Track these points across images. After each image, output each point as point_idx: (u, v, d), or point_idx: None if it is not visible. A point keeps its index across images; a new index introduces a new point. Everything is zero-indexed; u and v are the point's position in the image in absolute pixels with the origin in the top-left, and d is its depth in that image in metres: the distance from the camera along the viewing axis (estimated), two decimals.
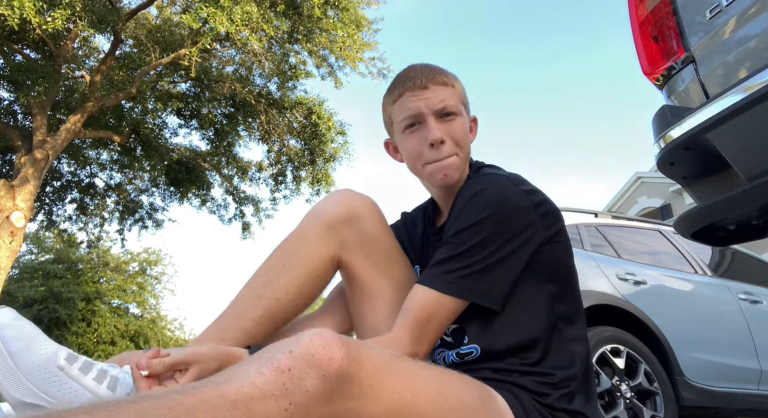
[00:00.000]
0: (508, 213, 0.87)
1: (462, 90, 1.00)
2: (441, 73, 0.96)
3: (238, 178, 10.55)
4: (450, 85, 0.96)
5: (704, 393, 2.83)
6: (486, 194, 0.88)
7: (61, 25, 5.81)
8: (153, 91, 9.11)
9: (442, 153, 0.93)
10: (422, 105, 0.93)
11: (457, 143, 0.94)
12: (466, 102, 1.01)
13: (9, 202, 6.79)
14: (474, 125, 1.04)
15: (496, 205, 0.87)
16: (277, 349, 0.57)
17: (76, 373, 0.68)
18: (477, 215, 0.86)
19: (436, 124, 0.93)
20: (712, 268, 3.54)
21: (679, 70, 1.53)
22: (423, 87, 0.93)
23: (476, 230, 0.85)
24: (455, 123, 0.94)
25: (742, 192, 1.26)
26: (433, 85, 0.94)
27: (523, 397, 0.83)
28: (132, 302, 16.71)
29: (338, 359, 0.57)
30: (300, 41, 8.19)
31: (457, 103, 0.95)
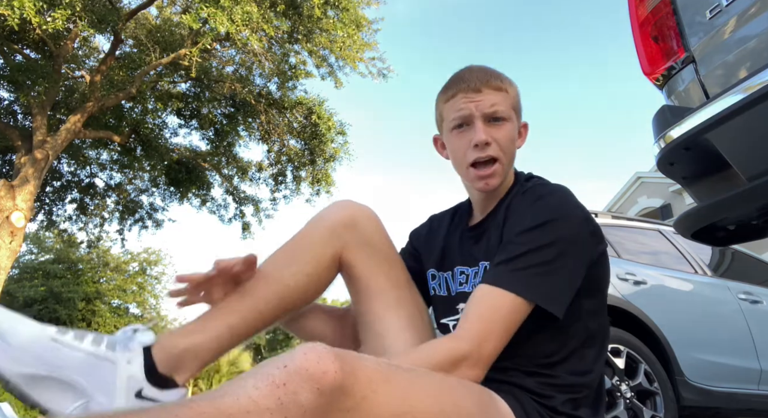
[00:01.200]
0: (572, 223, 0.88)
1: (516, 96, 1.01)
2: (496, 77, 0.98)
3: (238, 178, 10.56)
4: (504, 90, 0.97)
5: (704, 393, 2.83)
6: (551, 200, 0.90)
7: (61, 25, 5.81)
8: (153, 91, 9.11)
9: (486, 153, 0.95)
10: (473, 107, 0.95)
11: (502, 148, 0.95)
12: (519, 108, 1.01)
13: (9, 202, 6.79)
14: (524, 131, 1.05)
15: (561, 212, 0.89)
16: (272, 364, 0.58)
17: (70, 341, 0.70)
18: (543, 217, 0.87)
19: (484, 127, 0.95)
20: (712, 268, 3.54)
21: (679, 70, 1.52)
22: (476, 90, 0.95)
23: (543, 232, 0.86)
24: (503, 128, 0.96)
25: (742, 192, 1.26)
26: (486, 88, 0.95)
27: (523, 399, 0.83)
28: (132, 302, 16.73)
29: (332, 372, 0.58)
30: (300, 41, 8.19)
31: (507, 109, 0.97)
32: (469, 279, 1.01)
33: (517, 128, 1.01)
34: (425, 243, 1.14)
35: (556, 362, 0.88)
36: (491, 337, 0.80)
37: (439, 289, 1.08)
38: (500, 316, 0.81)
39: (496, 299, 0.82)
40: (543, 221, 0.87)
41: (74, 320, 14.33)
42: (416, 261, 1.14)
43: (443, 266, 1.07)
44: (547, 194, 0.91)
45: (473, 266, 1.00)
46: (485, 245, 0.99)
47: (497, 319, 0.81)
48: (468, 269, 1.02)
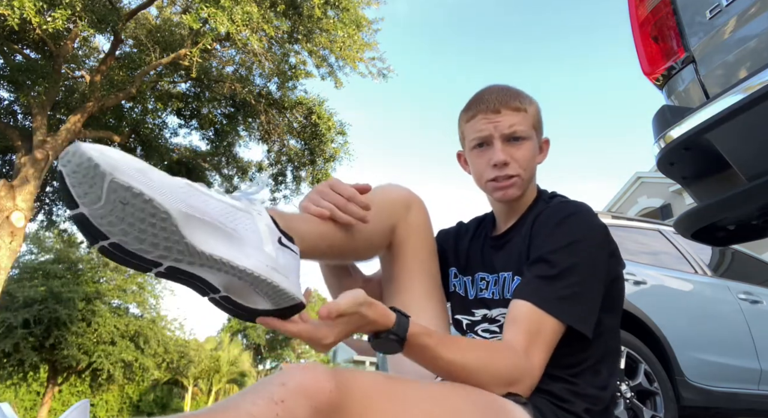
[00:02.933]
0: (597, 241, 0.93)
1: (536, 114, 1.03)
2: (516, 97, 1.00)
3: (238, 178, 10.56)
4: (523, 110, 0.99)
5: (704, 393, 2.83)
6: (578, 219, 0.94)
7: (61, 25, 5.81)
8: (153, 91, 9.11)
9: (505, 172, 0.99)
10: (492, 128, 0.98)
11: (521, 165, 0.99)
12: (539, 125, 1.04)
13: (9, 202, 6.79)
14: (546, 146, 1.08)
15: (588, 230, 0.93)
16: (271, 381, 0.60)
17: (204, 190, 0.66)
18: (571, 237, 0.91)
19: (503, 147, 0.98)
20: (712, 268, 3.54)
21: (679, 70, 1.52)
22: (495, 111, 0.98)
23: (572, 251, 0.89)
24: (522, 147, 0.99)
25: (742, 192, 1.26)
26: (505, 109, 0.98)
27: (544, 407, 0.83)
28: (132, 302, 16.70)
29: (327, 390, 0.60)
30: (300, 41, 8.19)
31: (527, 128, 0.99)
32: (489, 286, 1.05)
33: (538, 145, 1.04)
34: (452, 245, 1.18)
35: (577, 373, 0.91)
36: (541, 359, 0.84)
37: (458, 287, 1.12)
38: (547, 338, 0.85)
39: (543, 322, 0.85)
40: (573, 240, 0.91)
41: (74, 320, 14.31)
42: (440, 258, 1.17)
43: (466, 270, 1.12)
44: (575, 213, 0.95)
45: (493, 274, 1.05)
46: (506, 255, 1.03)
47: (544, 341, 0.85)
48: (488, 275, 1.06)
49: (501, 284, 1.01)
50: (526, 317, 0.86)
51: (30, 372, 15.00)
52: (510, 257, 1.01)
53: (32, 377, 15.96)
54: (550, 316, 0.85)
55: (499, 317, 1.01)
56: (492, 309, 1.03)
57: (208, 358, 24.92)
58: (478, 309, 1.06)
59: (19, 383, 16.19)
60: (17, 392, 21.36)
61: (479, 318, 1.06)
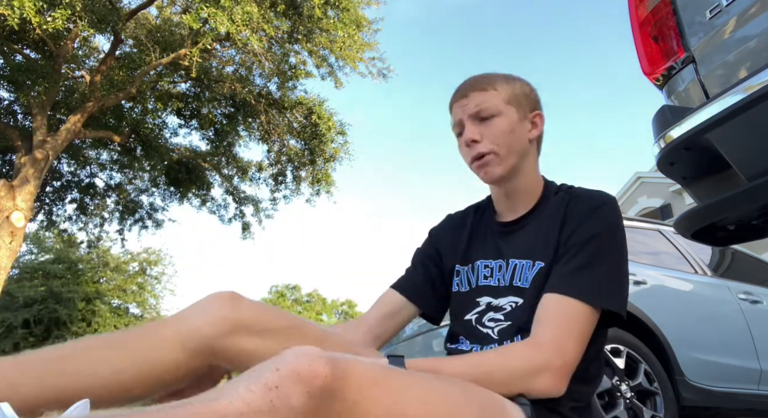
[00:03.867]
0: (623, 231, 0.96)
1: (510, 90, 1.03)
2: (485, 80, 1.03)
3: (238, 178, 10.56)
4: (491, 88, 1.01)
5: (704, 393, 2.83)
6: (609, 209, 0.96)
7: (61, 25, 5.80)
8: (153, 91, 9.11)
9: (477, 150, 1.00)
10: (460, 111, 1.02)
11: (492, 140, 0.99)
12: (517, 100, 1.03)
13: (9, 202, 6.79)
14: (539, 120, 1.06)
15: (617, 220, 0.95)
16: (266, 367, 0.59)
17: None
18: (603, 227, 0.93)
19: (472, 126, 1.00)
20: (712, 268, 3.54)
21: (679, 70, 1.53)
22: (464, 96, 1.02)
23: (603, 241, 0.91)
24: (492, 124, 1.00)
25: (742, 192, 1.26)
26: (472, 92, 1.01)
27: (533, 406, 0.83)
28: (132, 302, 16.73)
29: (323, 376, 0.59)
30: (300, 41, 8.19)
31: (496, 105, 1.00)
32: (494, 273, 1.04)
33: (521, 119, 1.03)
34: (448, 240, 1.16)
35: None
36: (571, 345, 0.83)
37: (461, 285, 1.10)
38: (578, 324, 0.84)
39: (574, 308, 0.85)
40: (605, 231, 0.92)
41: (74, 320, 14.33)
42: (435, 262, 1.16)
43: (466, 259, 1.10)
44: (606, 203, 0.97)
45: (497, 260, 1.04)
46: (521, 242, 1.02)
47: (576, 327, 0.84)
48: (492, 261, 1.05)
49: (511, 272, 1.00)
50: (554, 308, 0.86)
51: None
52: (526, 244, 1.00)
53: None
54: (581, 302, 0.85)
55: (506, 305, 1.00)
56: (498, 298, 1.01)
57: None
58: (482, 297, 1.04)
59: None
60: None
61: (484, 307, 1.04)
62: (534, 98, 1.07)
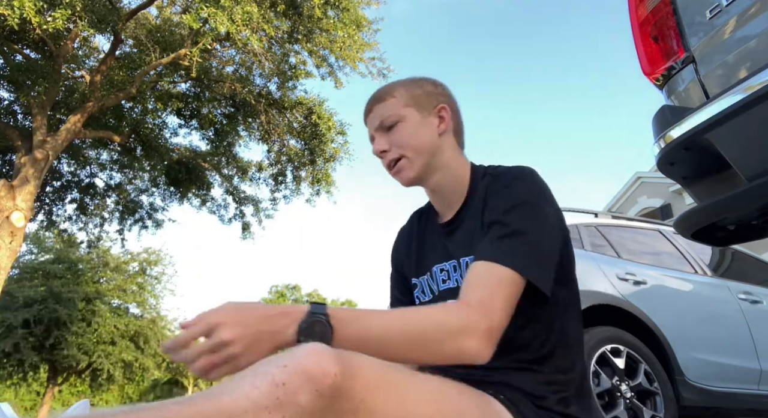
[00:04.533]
0: (549, 201, 0.92)
1: (407, 94, 1.03)
2: (383, 89, 1.04)
3: (238, 178, 10.56)
4: (390, 97, 1.02)
5: (704, 393, 2.82)
6: (526, 180, 0.93)
7: (61, 25, 5.80)
8: (153, 91, 9.11)
9: (388, 159, 1.02)
10: (369, 127, 1.05)
11: (402, 146, 1.00)
12: (416, 101, 1.03)
13: (9, 202, 6.79)
14: (445, 114, 1.04)
15: (539, 191, 0.92)
16: (272, 363, 0.58)
17: None
18: (523, 197, 0.90)
19: (380, 138, 1.02)
20: (712, 268, 3.54)
21: (679, 70, 1.52)
22: (368, 112, 1.05)
23: (525, 211, 0.88)
24: (396, 130, 1.01)
25: (742, 192, 1.26)
26: (374, 106, 1.03)
27: (518, 400, 0.83)
28: (132, 302, 16.72)
29: (332, 375, 0.58)
30: (300, 41, 8.19)
31: (396, 111, 1.01)
32: (451, 275, 1.01)
33: (425, 118, 1.02)
34: (403, 257, 1.15)
35: (542, 358, 0.89)
36: (498, 308, 0.78)
37: (423, 296, 1.08)
38: (503, 289, 0.80)
39: (498, 272, 0.81)
40: (524, 201, 0.89)
41: (74, 320, 14.32)
42: (407, 288, 1.13)
43: (422, 269, 1.08)
44: (522, 175, 0.94)
45: (450, 261, 1.02)
46: (462, 238, 1.00)
47: (501, 291, 0.80)
48: (446, 264, 1.03)
49: (462, 270, 0.99)
50: (478, 273, 0.82)
51: (30, 372, 15.02)
52: (467, 240, 0.98)
53: (32, 377, 15.97)
54: (507, 268, 0.81)
55: None
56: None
57: None
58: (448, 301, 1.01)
59: (19, 383, 16.20)
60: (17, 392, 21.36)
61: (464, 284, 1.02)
62: (438, 93, 1.05)
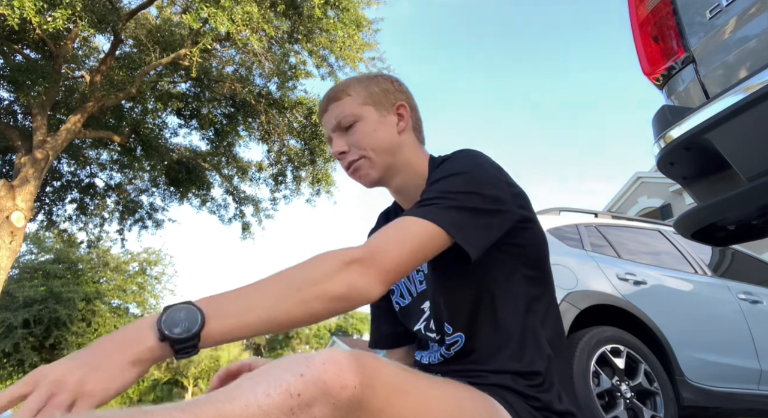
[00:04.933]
0: (487, 175, 0.88)
1: (364, 92, 0.99)
2: (339, 87, 1.01)
3: (238, 178, 10.55)
4: (345, 95, 0.99)
5: (704, 393, 2.83)
6: (466, 155, 0.93)
7: (61, 25, 5.80)
8: (153, 91, 9.11)
9: (347, 160, 0.99)
10: (326, 128, 1.02)
11: (360, 146, 0.97)
12: (374, 99, 1.00)
13: (9, 202, 6.79)
14: (404, 111, 1.02)
15: (476, 165, 0.89)
16: (287, 370, 0.54)
17: None
18: (458, 169, 0.88)
19: (338, 138, 0.99)
20: (712, 268, 3.54)
21: (679, 70, 1.52)
22: (324, 111, 1.01)
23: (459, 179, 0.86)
24: (354, 130, 0.98)
25: (742, 192, 1.26)
26: (330, 105, 1.00)
27: (513, 400, 0.83)
28: (132, 302, 16.70)
29: (351, 387, 0.55)
30: (300, 41, 8.19)
31: (352, 111, 0.98)
32: (426, 276, 0.99)
33: (383, 116, 0.99)
34: None
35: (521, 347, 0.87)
36: (390, 248, 0.76)
37: (402, 300, 1.06)
38: (407, 235, 0.78)
39: (408, 222, 0.79)
40: (458, 172, 0.87)
41: (74, 320, 14.32)
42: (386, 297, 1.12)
43: None
44: (462, 154, 0.94)
45: None
46: None
47: (402, 237, 0.77)
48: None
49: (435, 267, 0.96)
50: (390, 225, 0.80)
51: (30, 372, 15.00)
52: None
53: None
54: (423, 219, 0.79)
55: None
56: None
57: (208, 358, 24.93)
58: (424, 303, 1.00)
59: None
60: None
61: (428, 312, 0.99)
62: (395, 90, 1.03)
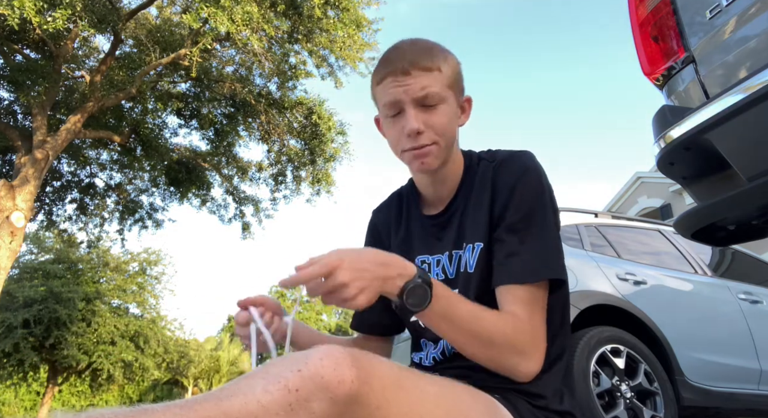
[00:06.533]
0: (549, 189, 0.92)
1: (451, 72, 0.92)
2: (427, 55, 0.89)
3: (238, 178, 10.55)
4: (436, 70, 0.88)
5: (704, 393, 2.83)
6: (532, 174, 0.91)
7: (61, 25, 5.80)
8: (153, 91, 9.11)
9: (420, 142, 0.89)
10: (401, 92, 0.88)
11: (437, 132, 0.89)
12: (456, 84, 0.93)
13: (9, 202, 6.79)
14: (467, 106, 0.98)
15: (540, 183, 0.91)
16: (285, 366, 0.55)
17: None
18: (534, 195, 0.89)
19: (416, 113, 0.88)
20: (712, 268, 3.54)
21: (679, 70, 1.52)
22: (405, 73, 0.87)
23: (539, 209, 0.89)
24: (437, 112, 0.89)
25: (742, 192, 1.26)
26: (415, 70, 0.87)
27: (517, 402, 0.82)
28: (132, 302, 16.70)
29: (348, 381, 0.55)
30: (300, 41, 8.19)
31: (441, 90, 0.89)
32: (432, 268, 0.98)
33: (457, 106, 0.94)
34: (386, 240, 1.09)
35: None
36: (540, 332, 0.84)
37: None
38: (541, 305, 0.85)
39: (532, 292, 0.84)
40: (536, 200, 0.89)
41: (74, 320, 14.31)
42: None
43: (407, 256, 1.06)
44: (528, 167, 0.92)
45: (436, 254, 0.98)
46: (455, 229, 0.96)
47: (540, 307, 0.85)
48: (429, 257, 0.99)
49: (456, 263, 0.95)
50: (520, 297, 0.84)
51: (30, 372, 15.00)
52: (460, 232, 0.96)
53: (32, 377, 15.96)
54: (534, 284, 0.84)
55: None
56: None
57: (208, 358, 24.93)
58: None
59: (19, 383, 16.18)
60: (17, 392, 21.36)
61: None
62: (463, 78, 0.97)
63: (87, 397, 22.61)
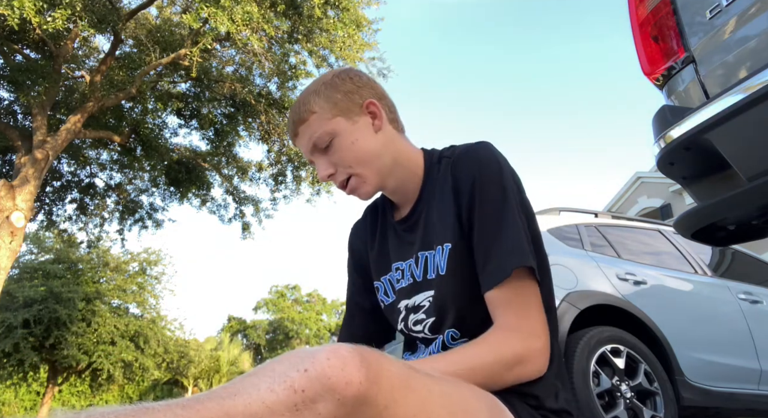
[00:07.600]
0: (508, 175, 0.90)
1: (326, 103, 0.92)
2: (299, 108, 0.93)
3: (238, 178, 10.55)
4: (311, 114, 0.91)
5: (704, 393, 2.83)
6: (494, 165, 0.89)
7: (61, 25, 5.80)
8: (153, 91, 9.11)
9: (338, 181, 0.94)
10: (303, 151, 0.96)
11: (346, 164, 0.92)
12: (339, 106, 0.92)
13: (9, 202, 6.79)
14: (375, 108, 0.95)
15: (505, 169, 0.90)
16: (291, 365, 0.54)
17: None
18: (497, 189, 0.87)
19: (321, 160, 0.93)
20: (712, 268, 3.54)
21: (679, 70, 1.53)
22: (295, 135, 0.95)
23: (498, 208, 0.86)
24: (333, 148, 0.92)
25: (742, 192, 1.26)
26: (298, 129, 0.93)
27: (516, 403, 0.82)
28: (132, 302, 16.70)
29: (356, 382, 0.53)
30: (300, 41, 8.19)
31: (324, 129, 0.91)
32: (404, 274, 0.98)
33: (356, 120, 0.93)
34: (365, 255, 1.10)
35: None
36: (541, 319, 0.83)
37: (387, 298, 1.04)
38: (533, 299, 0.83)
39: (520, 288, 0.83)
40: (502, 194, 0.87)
41: (74, 320, 14.31)
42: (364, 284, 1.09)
43: (383, 268, 1.04)
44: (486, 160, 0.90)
45: (407, 259, 0.98)
46: (422, 231, 0.96)
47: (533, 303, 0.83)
48: (402, 263, 0.99)
49: (422, 266, 0.94)
50: (503, 298, 0.83)
51: (30, 372, 15.00)
52: (428, 232, 0.94)
53: (32, 377, 15.96)
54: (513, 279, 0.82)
55: (423, 302, 0.94)
56: (412, 297, 0.96)
57: (208, 358, 24.93)
58: (400, 302, 0.99)
59: (19, 383, 16.19)
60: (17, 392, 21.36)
61: (404, 312, 0.98)
62: (358, 88, 0.95)
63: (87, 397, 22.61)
